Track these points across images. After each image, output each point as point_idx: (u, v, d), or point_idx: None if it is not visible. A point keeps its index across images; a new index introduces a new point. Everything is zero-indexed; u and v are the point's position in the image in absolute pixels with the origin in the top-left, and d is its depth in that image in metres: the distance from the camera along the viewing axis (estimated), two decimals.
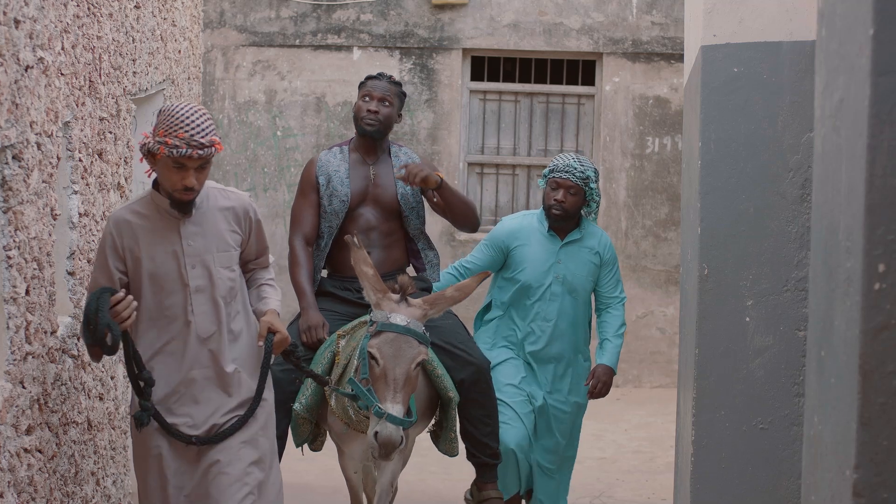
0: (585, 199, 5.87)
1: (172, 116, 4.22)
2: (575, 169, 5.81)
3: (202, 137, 4.21)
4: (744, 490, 4.68)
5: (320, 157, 5.61)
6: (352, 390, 4.58)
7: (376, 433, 4.36)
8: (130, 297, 4.28)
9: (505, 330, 5.98)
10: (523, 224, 5.99)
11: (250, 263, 4.66)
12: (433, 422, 5.39)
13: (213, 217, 4.45)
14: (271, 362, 4.59)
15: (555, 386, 5.92)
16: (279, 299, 4.65)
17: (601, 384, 5.92)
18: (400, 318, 4.52)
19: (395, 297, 4.60)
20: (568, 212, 5.84)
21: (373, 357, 4.47)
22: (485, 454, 5.35)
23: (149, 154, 4.27)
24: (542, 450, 5.93)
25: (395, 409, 4.38)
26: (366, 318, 5.03)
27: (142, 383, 4.33)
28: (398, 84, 5.68)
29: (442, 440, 5.34)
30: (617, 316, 6.00)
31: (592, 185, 5.83)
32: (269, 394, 4.59)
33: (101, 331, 4.17)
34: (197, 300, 4.40)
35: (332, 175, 5.52)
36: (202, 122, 4.24)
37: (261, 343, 4.45)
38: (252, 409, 4.47)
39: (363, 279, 4.63)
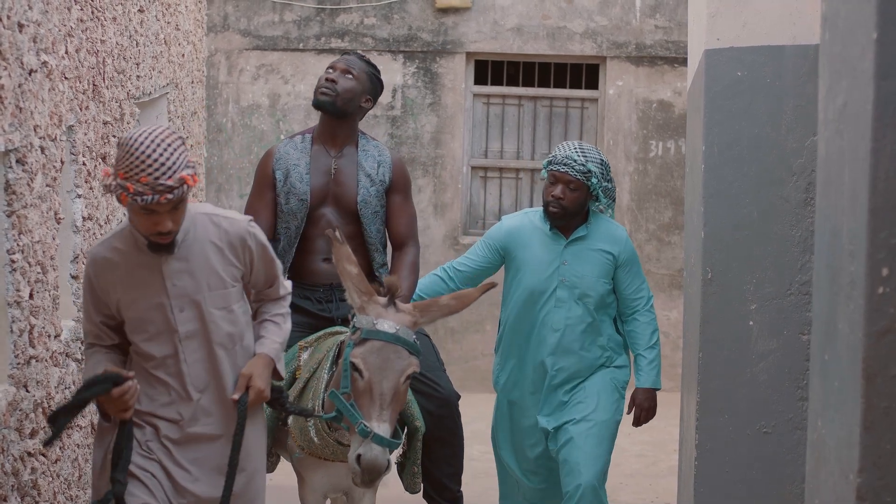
0: (591, 194, 5.12)
1: (132, 155, 3.50)
2: (574, 161, 5.07)
3: (168, 179, 3.50)
4: (747, 494, 4.67)
5: (278, 148, 4.87)
6: (335, 410, 3.99)
7: (359, 456, 3.81)
8: (133, 383, 3.62)
9: (511, 355, 5.25)
10: (523, 223, 5.24)
11: (259, 294, 4.05)
12: (400, 451, 4.71)
13: (201, 250, 3.77)
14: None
15: (559, 409, 5.18)
16: (280, 341, 4.00)
17: (644, 412, 5.26)
18: (387, 324, 3.94)
19: (382, 300, 4.01)
20: (567, 210, 5.08)
21: (356, 368, 3.90)
22: (444, 497, 4.83)
23: (111, 192, 3.59)
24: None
25: (382, 429, 3.82)
26: (331, 329, 4.61)
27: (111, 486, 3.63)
28: (372, 65, 4.95)
29: (405, 474, 4.69)
30: (646, 323, 5.23)
31: (595, 181, 5.08)
32: (251, 465, 3.93)
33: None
34: (189, 347, 3.76)
35: (290, 169, 4.79)
36: (168, 158, 3.52)
37: (235, 397, 3.81)
38: (227, 485, 3.78)
39: (346, 279, 4.02)
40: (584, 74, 11.58)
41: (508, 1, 11.33)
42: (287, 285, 4.11)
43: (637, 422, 5.28)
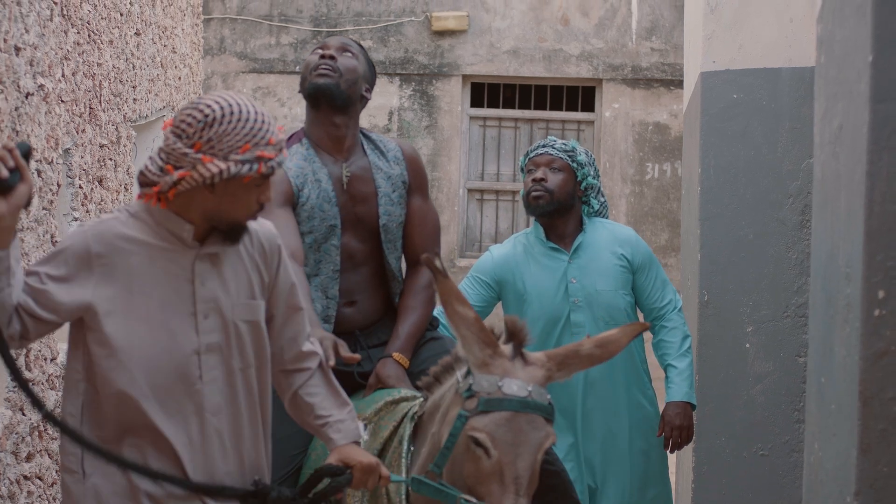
0: (578, 184, 4.40)
1: (247, 121, 2.82)
2: (554, 142, 4.42)
3: (280, 132, 2.90)
4: None
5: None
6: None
7: None
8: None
9: None
10: (515, 248, 4.50)
11: (281, 335, 3.13)
12: None
13: (230, 249, 3.01)
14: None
15: (608, 468, 4.38)
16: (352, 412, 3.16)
17: (676, 430, 4.34)
18: (516, 384, 2.95)
19: (507, 351, 3.03)
20: (553, 194, 4.34)
21: (480, 444, 2.92)
22: None
23: (215, 182, 2.83)
24: None
25: None
26: (389, 395, 3.54)
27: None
28: (364, 48, 4.00)
29: None
30: (675, 329, 4.41)
31: (577, 165, 4.39)
32: None
33: None
34: (207, 363, 2.93)
35: (310, 186, 3.78)
36: (266, 112, 2.90)
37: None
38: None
39: (460, 326, 3.02)
40: (580, 97, 11.60)
41: (505, 24, 11.35)
42: (308, 327, 3.22)
43: (669, 444, 4.38)
